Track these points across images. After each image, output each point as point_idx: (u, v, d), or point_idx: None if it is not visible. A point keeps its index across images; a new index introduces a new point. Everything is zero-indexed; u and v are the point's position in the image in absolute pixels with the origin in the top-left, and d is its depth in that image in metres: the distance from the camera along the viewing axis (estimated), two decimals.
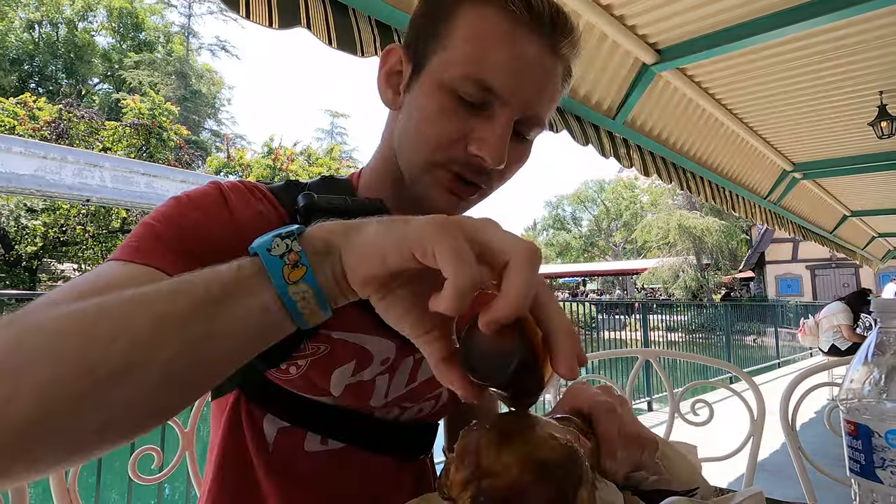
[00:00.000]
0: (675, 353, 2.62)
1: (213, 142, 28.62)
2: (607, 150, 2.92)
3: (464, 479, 0.36)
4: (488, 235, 0.32)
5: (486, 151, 0.52)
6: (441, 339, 0.36)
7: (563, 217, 42.43)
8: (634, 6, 2.42)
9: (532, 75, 0.53)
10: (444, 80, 0.53)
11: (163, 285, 0.34)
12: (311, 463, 0.62)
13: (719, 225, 22.58)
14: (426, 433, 0.72)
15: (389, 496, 0.65)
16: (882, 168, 4.83)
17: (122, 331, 0.31)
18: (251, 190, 0.59)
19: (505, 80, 0.51)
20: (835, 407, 0.72)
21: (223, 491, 0.61)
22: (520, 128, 0.55)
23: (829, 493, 1.15)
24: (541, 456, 0.35)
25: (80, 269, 14.50)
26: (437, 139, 0.54)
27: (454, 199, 0.57)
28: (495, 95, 0.52)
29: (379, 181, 0.64)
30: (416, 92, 0.56)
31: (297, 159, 17.00)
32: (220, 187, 0.56)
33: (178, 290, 0.34)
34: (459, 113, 0.53)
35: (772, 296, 21.53)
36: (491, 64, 0.51)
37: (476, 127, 0.53)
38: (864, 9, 2.31)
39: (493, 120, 0.53)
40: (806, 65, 3.07)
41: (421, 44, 0.56)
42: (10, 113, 13.22)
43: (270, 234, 0.35)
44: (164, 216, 0.51)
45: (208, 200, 0.54)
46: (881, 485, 0.48)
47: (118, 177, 9.28)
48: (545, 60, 0.54)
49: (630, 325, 10.05)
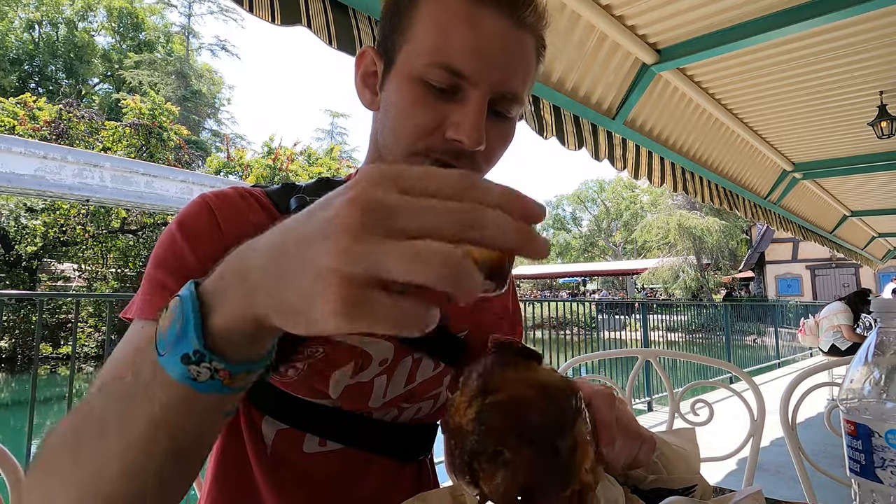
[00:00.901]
0: (675, 353, 2.62)
1: (213, 142, 28.64)
2: (602, 153, 2.91)
3: (469, 397, 0.36)
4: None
5: (462, 134, 0.52)
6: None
7: (563, 217, 42.45)
8: (634, 6, 2.42)
9: (498, 52, 0.53)
10: (413, 71, 0.53)
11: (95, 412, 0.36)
12: (309, 464, 0.62)
13: (719, 225, 22.58)
14: (425, 434, 0.72)
15: (388, 497, 0.65)
16: (882, 168, 4.83)
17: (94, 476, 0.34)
18: (244, 197, 0.59)
19: (471, 61, 0.51)
20: (835, 407, 0.72)
21: (222, 492, 0.61)
22: (496, 107, 0.55)
23: (829, 493, 1.15)
24: (543, 378, 0.36)
25: (79, 269, 14.49)
26: (414, 130, 0.54)
27: None
28: (464, 78, 0.52)
29: None
30: (389, 88, 0.56)
31: (296, 159, 16.99)
32: (209, 204, 0.57)
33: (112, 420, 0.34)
34: (432, 101, 0.53)
35: (772, 296, 21.53)
36: (455, 48, 0.51)
37: (450, 112, 0.53)
38: (864, 9, 2.31)
39: (466, 103, 0.52)
40: (806, 65, 3.06)
41: (389, 41, 0.57)
42: (10, 113, 13.22)
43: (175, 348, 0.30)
44: (164, 262, 0.53)
45: (200, 223, 0.55)
46: (881, 485, 0.48)
47: (118, 177, 9.29)
48: (510, 35, 0.53)
49: (630, 325, 10.05)
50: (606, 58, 2.71)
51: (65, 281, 14.61)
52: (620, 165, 3.10)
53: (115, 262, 14.59)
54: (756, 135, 4.15)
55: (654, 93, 3.12)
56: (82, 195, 9.06)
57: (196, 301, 0.30)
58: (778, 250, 22.32)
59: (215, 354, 0.30)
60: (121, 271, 14.48)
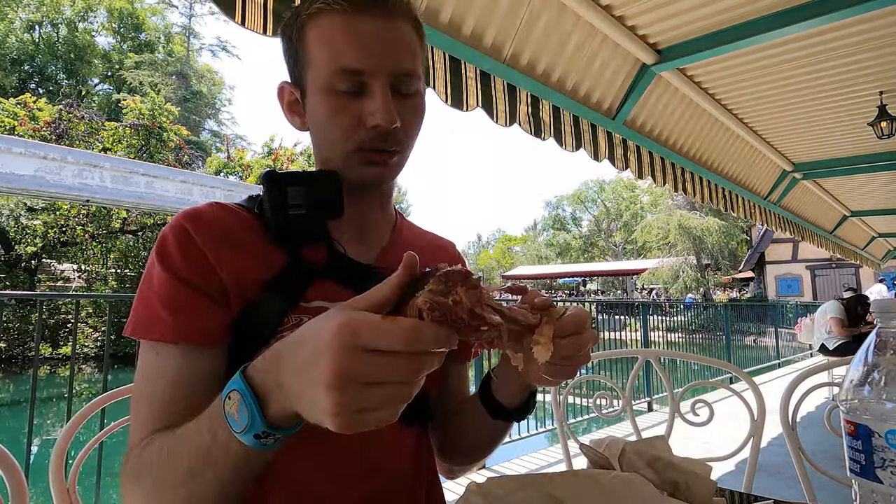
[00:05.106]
0: (675, 354, 2.62)
1: (214, 142, 28.62)
2: (602, 153, 2.91)
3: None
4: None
5: (378, 118, 0.60)
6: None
7: (563, 217, 42.44)
8: (634, 6, 2.42)
9: (382, 44, 0.61)
10: (321, 85, 0.62)
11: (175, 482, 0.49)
12: (310, 430, 0.62)
13: (719, 225, 22.57)
14: (419, 398, 0.72)
15: (389, 462, 0.67)
16: (882, 168, 4.84)
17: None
18: (211, 205, 0.65)
19: (362, 58, 0.60)
20: (835, 407, 0.72)
21: None
22: (399, 88, 0.63)
23: (829, 493, 1.15)
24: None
25: (79, 270, 14.48)
26: (341, 133, 0.63)
27: (378, 169, 0.65)
28: (362, 73, 0.60)
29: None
30: (310, 108, 0.66)
31: (297, 160, 16.99)
32: (183, 226, 0.61)
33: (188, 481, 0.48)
34: (346, 105, 0.62)
35: (772, 296, 21.52)
36: (345, 52, 0.60)
37: (363, 107, 0.61)
38: (864, 9, 2.32)
39: (373, 93, 0.61)
40: (806, 65, 3.07)
41: (295, 71, 0.67)
42: (10, 113, 13.21)
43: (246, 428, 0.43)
44: (152, 288, 0.59)
45: (175, 250, 0.59)
46: (881, 485, 0.48)
47: (118, 177, 9.28)
48: (387, 28, 0.62)
49: (630, 325, 10.05)
50: (606, 58, 2.71)
51: (65, 281, 14.59)
52: (621, 165, 3.10)
53: (115, 263, 14.58)
54: (756, 135, 4.15)
55: (654, 93, 3.13)
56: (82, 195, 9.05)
57: (254, 398, 0.42)
58: (778, 250, 22.32)
59: (274, 430, 0.43)
60: (121, 272, 14.47)
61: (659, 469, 0.64)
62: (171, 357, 0.57)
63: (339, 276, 0.66)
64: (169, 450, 0.50)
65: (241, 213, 0.66)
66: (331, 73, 0.61)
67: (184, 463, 0.47)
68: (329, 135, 0.64)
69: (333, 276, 0.66)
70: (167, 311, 0.57)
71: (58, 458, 0.88)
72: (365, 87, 0.61)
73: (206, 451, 0.46)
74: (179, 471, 0.48)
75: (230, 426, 0.43)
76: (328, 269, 0.66)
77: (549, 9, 2.30)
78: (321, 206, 0.65)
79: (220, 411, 0.44)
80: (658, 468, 0.64)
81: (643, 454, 0.67)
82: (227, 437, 0.44)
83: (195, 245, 0.59)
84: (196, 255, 0.59)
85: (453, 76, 2.04)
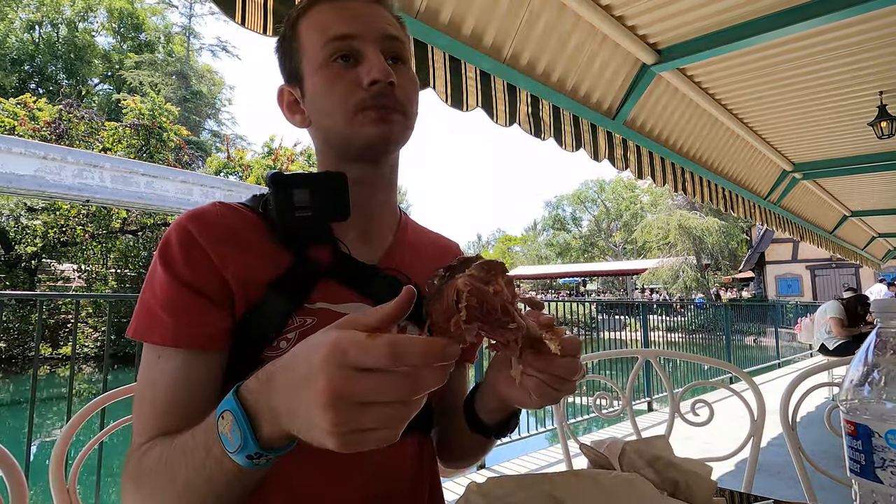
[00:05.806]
0: (674, 354, 2.61)
1: (214, 142, 28.61)
2: (601, 153, 2.91)
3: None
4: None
5: (374, 74, 0.62)
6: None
7: (563, 217, 42.43)
8: (634, 6, 2.42)
9: (367, 14, 0.66)
10: (317, 64, 0.65)
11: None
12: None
13: (719, 225, 22.57)
14: (426, 406, 0.72)
15: (391, 467, 0.66)
16: (882, 168, 4.84)
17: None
18: (214, 205, 0.65)
19: (351, 23, 0.64)
20: (835, 407, 0.72)
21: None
22: (389, 52, 0.66)
23: (829, 493, 1.15)
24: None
25: (79, 270, 14.48)
26: (342, 98, 0.64)
27: (383, 127, 0.65)
28: (354, 38, 0.64)
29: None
30: (308, 95, 0.67)
31: (297, 160, 16.99)
32: (186, 227, 0.60)
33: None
34: (343, 71, 0.64)
35: (772, 296, 21.52)
36: (334, 24, 0.64)
37: (359, 70, 0.64)
38: (864, 9, 2.32)
39: (367, 55, 0.64)
40: (806, 65, 3.07)
41: (292, 66, 0.69)
42: (10, 113, 13.22)
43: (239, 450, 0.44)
44: (154, 293, 0.59)
45: (178, 251, 0.59)
46: (881, 485, 0.48)
47: (118, 177, 9.29)
48: (369, 6, 0.67)
49: (630, 325, 10.05)
50: (606, 58, 2.71)
51: (65, 281, 14.59)
52: (621, 165, 3.10)
53: (115, 263, 14.58)
54: (756, 135, 4.15)
55: (654, 93, 3.12)
56: (82, 196, 9.05)
57: (247, 420, 0.43)
58: (778, 250, 22.32)
59: (267, 450, 0.43)
60: (121, 272, 14.47)
61: (659, 468, 0.64)
62: (173, 360, 0.57)
63: (344, 276, 0.66)
64: (167, 460, 0.51)
65: (246, 212, 0.66)
66: (324, 45, 0.64)
67: (181, 474, 0.49)
68: (330, 103, 0.65)
69: (338, 277, 0.66)
70: (168, 314, 0.57)
71: (58, 458, 0.88)
72: (358, 52, 0.64)
73: (201, 465, 0.47)
74: (177, 482, 0.49)
75: (223, 445, 0.44)
76: (332, 269, 0.65)
77: (549, 9, 2.30)
78: (327, 208, 0.64)
79: (214, 428, 0.45)
80: (658, 467, 0.65)
81: (643, 453, 0.67)
82: (221, 454, 0.45)
83: (198, 246, 0.59)
84: (199, 257, 0.59)
85: (453, 76, 2.04)
